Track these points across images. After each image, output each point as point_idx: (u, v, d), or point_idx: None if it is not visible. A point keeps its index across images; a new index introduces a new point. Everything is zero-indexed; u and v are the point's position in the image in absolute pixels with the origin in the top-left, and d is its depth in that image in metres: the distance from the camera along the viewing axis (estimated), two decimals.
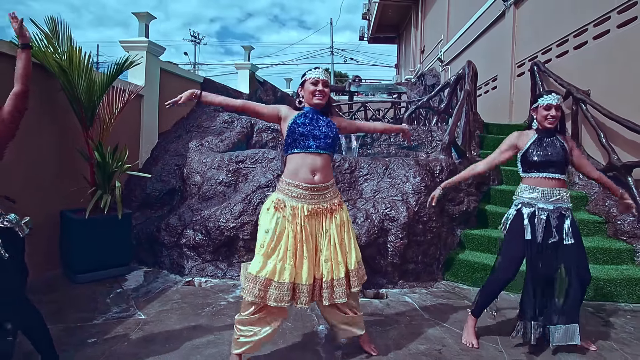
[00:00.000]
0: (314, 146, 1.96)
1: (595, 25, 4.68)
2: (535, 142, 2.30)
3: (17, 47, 1.97)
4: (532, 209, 2.26)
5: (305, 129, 1.97)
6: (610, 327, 2.75)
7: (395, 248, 3.31)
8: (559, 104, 2.28)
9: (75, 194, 3.54)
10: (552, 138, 2.30)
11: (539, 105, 2.33)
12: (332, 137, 2.00)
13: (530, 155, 2.28)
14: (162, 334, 2.46)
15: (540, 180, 2.27)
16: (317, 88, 2.01)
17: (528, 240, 2.23)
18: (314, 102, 2.02)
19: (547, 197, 2.24)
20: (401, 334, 2.55)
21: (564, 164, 2.27)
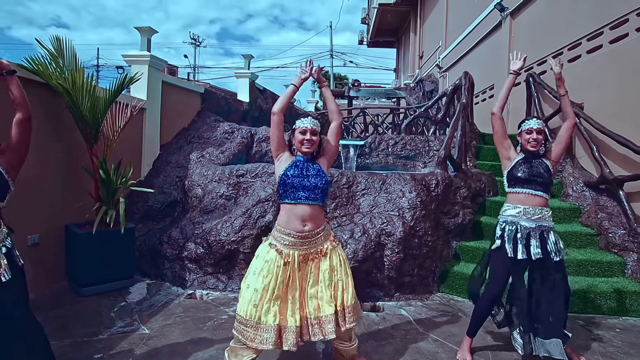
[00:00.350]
0: (304, 197, 2.06)
1: (588, 40, 4.78)
2: (522, 160, 2.42)
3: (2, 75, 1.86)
4: (515, 226, 2.35)
5: (296, 180, 2.06)
6: (598, 341, 2.84)
7: (392, 262, 3.40)
8: (539, 128, 2.38)
9: (79, 208, 3.64)
10: (537, 160, 2.40)
11: (522, 130, 2.44)
12: (321, 188, 2.10)
13: (516, 171, 2.39)
14: (166, 349, 2.55)
15: (523, 196, 2.37)
16: (305, 137, 2.11)
17: (511, 257, 2.33)
18: (303, 150, 2.13)
19: (529, 215, 2.34)
20: (396, 349, 2.64)
21: (547, 184, 2.37)
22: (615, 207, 4.04)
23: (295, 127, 2.16)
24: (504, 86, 2.50)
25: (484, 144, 5.97)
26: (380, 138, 6.04)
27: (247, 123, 7.24)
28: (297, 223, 2.06)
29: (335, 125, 2.24)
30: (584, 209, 4.30)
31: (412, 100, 12.49)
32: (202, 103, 6.20)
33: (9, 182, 1.81)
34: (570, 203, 4.43)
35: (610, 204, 4.10)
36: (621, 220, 3.89)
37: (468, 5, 9.05)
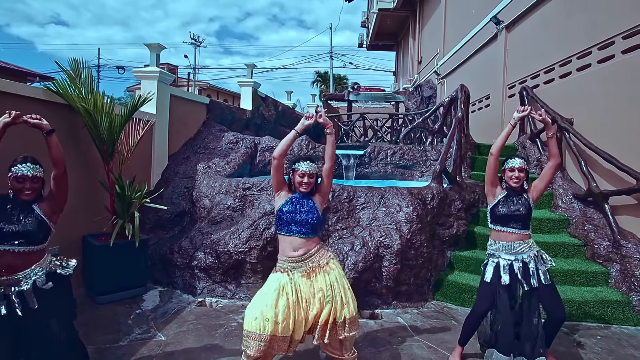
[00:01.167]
0: (295, 231, 2.33)
1: (578, 58, 5.01)
2: (503, 198, 2.62)
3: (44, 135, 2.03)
4: (497, 259, 2.59)
5: (289, 216, 2.32)
6: (580, 348, 3.08)
7: (390, 272, 3.63)
8: (521, 167, 2.59)
9: (94, 220, 3.86)
10: (519, 196, 2.61)
11: (505, 167, 2.66)
12: (311, 224, 2.35)
13: (498, 210, 2.61)
14: (182, 355, 2.78)
15: (503, 234, 2.60)
16: (303, 180, 2.37)
17: (494, 284, 2.55)
18: (301, 190, 2.39)
19: (509, 250, 2.57)
20: (392, 355, 2.87)
21: (526, 219, 2.57)
22: (601, 219, 4.27)
23: (295, 168, 2.42)
24: (504, 131, 2.67)
25: (479, 154, 6.19)
26: (380, 148, 6.27)
27: (250, 131, 7.47)
28: (290, 250, 2.34)
29: (328, 167, 2.47)
30: (572, 220, 4.53)
31: (411, 105, 12.72)
32: (207, 113, 6.42)
33: (50, 227, 2.05)
34: (560, 214, 4.66)
35: (597, 216, 4.34)
36: (606, 232, 4.13)
37: (465, 15, 9.27)
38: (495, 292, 2.56)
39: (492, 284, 2.56)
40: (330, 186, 2.54)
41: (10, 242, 1.92)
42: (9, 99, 3.11)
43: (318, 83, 32.08)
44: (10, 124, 1.98)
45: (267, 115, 8.34)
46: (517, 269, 2.52)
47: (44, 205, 2.06)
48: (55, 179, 2.11)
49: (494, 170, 2.69)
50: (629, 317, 3.52)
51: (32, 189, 2.01)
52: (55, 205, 2.12)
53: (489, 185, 2.71)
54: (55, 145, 2.10)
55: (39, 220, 2.00)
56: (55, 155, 2.09)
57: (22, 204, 2.00)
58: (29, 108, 3.20)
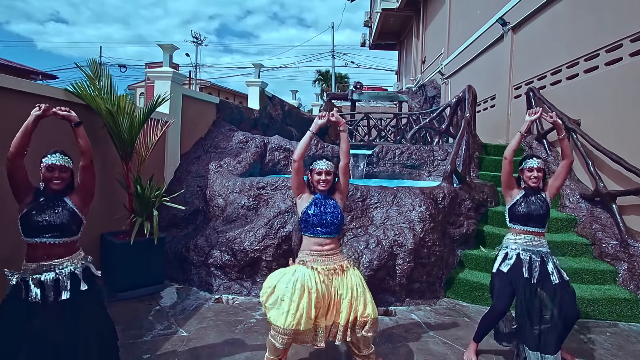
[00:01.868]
0: (322, 232, 2.42)
1: (586, 60, 5.08)
2: (522, 198, 2.69)
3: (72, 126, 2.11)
4: (516, 252, 2.65)
5: (315, 219, 2.40)
6: (590, 344, 3.17)
7: (403, 270, 3.71)
8: (539, 167, 2.67)
9: (111, 218, 3.93)
10: (537, 195, 2.68)
11: (523, 168, 2.73)
12: (337, 224, 2.44)
13: (516, 209, 2.68)
14: (206, 350, 2.86)
15: (522, 232, 2.67)
16: (321, 177, 2.45)
17: (513, 277, 2.61)
18: (319, 188, 2.47)
19: (528, 245, 2.64)
20: (410, 351, 2.95)
21: (544, 218, 2.65)
22: (608, 218, 4.36)
23: (313, 167, 2.50)
24: (517, 136, 2.74)
25: (486, 154, 6.27)
26: (387, 147, 6.34)
27: (258, 130, 7.54)
28: (317, 246, 2.43)
29: (344, 164, 2.54)
30: (579, 219, 4.62)
31: (414, 105, 12.78)
32: (217, 113, 6.48)
33: (82, 218, 2.12)
34: (567, 214, 4.74)
35: (604, 215, 4.42)
36: (614, 232, 4.21)
37: (471, 16, 9.33)
38: (515, 288, 2.62)
39: (510, 279, 2.62)
40: (347, 183, 2.61)
41: (45, 234, 1.97)
42: (31, 99, 3.17)
43: (319, 82, 32.12)
44: (42, 117, 2.04)
45: (274, 114, 8.40)
46: (536, 263, 2.59)
47: (74, 197, 2.13)
48: (83, 169, 2.18)
49: (509, 173, 2.76)
50: (637, 314, 3.61)
51: (60, 178, 2.07)
52: (85, 196, 2.18)
53: (505, 188, 2.78)
54: (83, 135, 2.19)
55: (70, 212, 2.06)
56: (83, 145, 2.17)
57: (53, 197, 2.05)
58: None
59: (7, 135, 2.92)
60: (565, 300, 2.60)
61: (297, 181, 2.48)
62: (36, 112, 2.03)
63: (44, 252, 1.99)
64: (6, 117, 2.95)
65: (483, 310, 3.73)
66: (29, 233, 1.98)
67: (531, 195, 2.68)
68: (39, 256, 1.99)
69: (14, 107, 3.00)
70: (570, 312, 2.61)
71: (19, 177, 2.00)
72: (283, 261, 4.06)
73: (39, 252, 1.99)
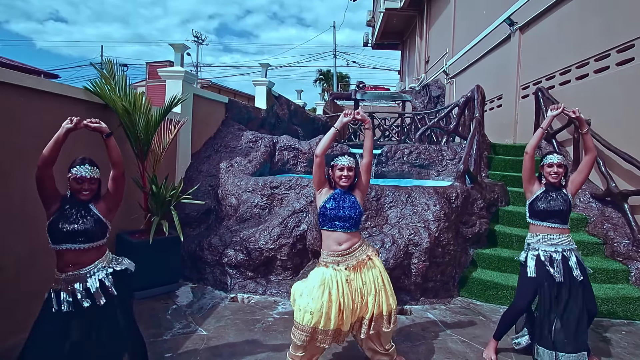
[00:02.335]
0: (339, 226, 2.42)
1: (596, 60, 5.10)
2: (542, 194, 2.70)
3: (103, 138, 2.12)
4: (537, 251, 2.66)
5: (332, 213, 2.40)
6: (607, 343, 3.19)
7: (418, 269, 3.73)
8: (560, 162, 2.68)
9: (128, 217, 3.94)
10: (557, 192, 2.69)
11: (544, 164, 2.74)
12: (354, 219, 2.44)
13: (536, 205, 2.69)
14: (227, 349, 2.87)
15: (542, 228, 2.69)
16: (343, 173, 2.45)
17: (535, 277, 2.63)
18: (341, 184, 2.47)
19: (548, 242, 2.65)
20: (429, 349, 2.97)
21: (565, 214, 2.66)
22: (620, 218, 4.38)
23: (334, 163, 2.50)
24: (538, 131, 2.75)
25: (495, 154, 6.29)
26: (396, 147, 6.36)
27: (265, 130, 7.54)
28: (335, 245, 2.42)
29: (367, 162, 2.53)
30: (590, 219, 4.64)
31: (418, 104, 12.80)
32: (226, 112, 6.49)
33: (107, 224, 2.13)
34: (578, 213, 4.76)
35: (615, 215, 4.45)
36: (625, 231, 4.23)
37: (476, 16, 9.35)
38: (538, 287, 2.64)
39: (534, 279, 2.63)
40: (368, 181, 2.60)
41: (71, 240, 1.99)
42: (52, 98, 3.18)
43: (320, 82, 32.11)
44: (73, 130, 2.04)
45: (281, 114, 8.41)
46: (557, 261, 2.60)
47: (100, 205, 2.14)
48: (114, 180, 2.18)
49: (530, 169, 2.77)
50: None
51: (89, 190, 2.08)
52: (112, 204, 2.20)
53: (526, 183, 2.79)
54: (114, 147, 2.18)
55: (95, 219, 2.07)
56: (115, 157, 2.17)
57: (79, 204, 2.07)
58: (66, 107, 3.29)
59: (29, 135, 2.95)
60: (586, 297, 2.62)
61: (319, 176, 2.49)
62: (67, 124, 2.02)
63: (71, 259, 2.01)
64: (27, 117, 2.96)
65: (498, 309, 3.79)
66: (56, 240, 2.00)
67: (552, 192, 2.69)
68: (68, 264, 2.01)
69: (34, 107, 3.01)
70: (590, 308, 2.63)
71: (47, 186, 2.01)
72: (297, 260, 4.09)
73: (67, 259, 2.01)
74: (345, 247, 2.42)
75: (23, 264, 2.92)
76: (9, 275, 2.81)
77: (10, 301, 2.81)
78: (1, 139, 2.75)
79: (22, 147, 2.90)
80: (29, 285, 2.89)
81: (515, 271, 4.12)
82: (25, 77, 2.90)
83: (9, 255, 2.82)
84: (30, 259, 2.95)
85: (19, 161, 2.87)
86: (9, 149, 2.81)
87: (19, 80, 2.84)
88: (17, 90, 2.85)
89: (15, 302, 2.82)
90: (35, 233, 2.97)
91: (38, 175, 1.99)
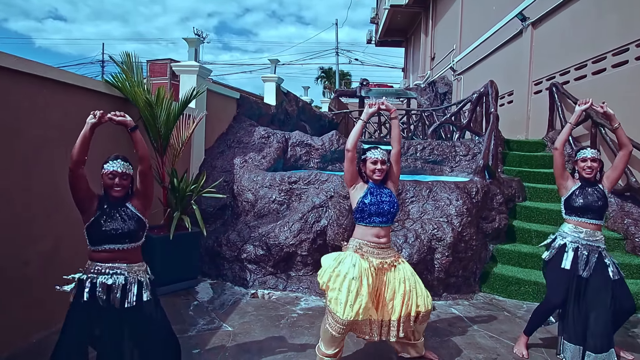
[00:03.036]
0: (378, 222, 2.38)
1: (614, 55, 5.06)
2: (578, 189, 2.65)
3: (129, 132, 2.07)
4: (575, 245, 2.61)
5: (372, 208, 2.36)
6: (635, 338, 3.16)
7: (442, 265, 3.69)
8: (594, 157, 2.63)
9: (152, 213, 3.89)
10: (593, 187, 2.64)
11: (577, 159, 2.70)
12: (392, 213, 2.42)
13: (573, 201, 2.63)
14: (254, 345, 2.83)
15: (579, 223, 2.64)
16: (376, 167, 2.40)
17: (568, 270, 2.58)
18: (374, 178, 2.42)
19: (586, 238, 2.59)
20: (459, 345, 2.94)
21: (602, 210, 2.61)
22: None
23: (367, 156, 2.44)
24: (567, 126, 2.72)
25: (509, 150, 6.25)
26: (409, 143, 6.31)
27: (275, 126, 7.49)
28: (373, 237, 2.39)
29: (396, 151, 2.48)
30: (609, 214, 4.60)
31: (424, 101, 12.75)
32: (238, 108, 6.44)
33: (145, 223, 2.09)
34: None
35: (635, 210, 4.41)
36: None
37: (485, 12, 9.30)
38: (570, 281, 2.60)
39: (567, 272, 2.59)
40: (399, 171, 2.56)
41: (115, 240, 1.95)
42: (74, 91, 3.12)
43: (322, 79, 32.02)
44: (98, 124, 1.97)
45: (290, 110, 8.36)
46: (593, 259, 2.56)
47: (136, 203, 2.08)
48: (141, 174, 2.12)
49: (562, 165, 2.72)
50: None
51: (121, 185, 2.02)
52: (145, 201, 2.13)
53: (559, 179, 2.74)
54: (140, 140, 2.11)
55: (136, 219, 2.03)
56: (141, 150, 2.10)
57: (116, 204, 2.02)
58: (88, 100, 3.24)
59: (53, 128, 2.90)
60: (621, 294, 2.58)
61: (352, 171, 2.43)
62: (91, 120, 1.95)
63: (112, 258, 1.96)
64: (49, 109, 2.91)
65: (521, 305, 3.76)
66: (98, 242, 1.94)
67: (588, 187, 2.64)
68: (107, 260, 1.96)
69: (57, 99, 2.96)
70: (626, 305, 2.59)
71: (82, 187, 1.95)
72: (318, 256, 4.04)
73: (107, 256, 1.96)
74: (384, 240, 2.41)
75: (46, 258, 2.87)
76: (32, 270, 2.76)
77: (35, 297, 2.76)
78: (24, 132, 2.70)
79: (45, 140, 2.85)
80: (54, 281, 2.84)
81: (536, 267, 4.09)
82: (49, 69, 2.84)
83: (32, 250, 2.77)
84: (53, 252, 2.91)
85: (42, 155, 2.82)
86: (32, 142, 2.76)
87: (43, 71, 2.79)
88: (42, 82, 2.80)
89: (40, 298, 2.78)
90: (58, 227, 2.93)
91: (71, 177, 1.92)
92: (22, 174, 2.69)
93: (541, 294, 3.65)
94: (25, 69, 2.64)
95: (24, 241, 2.71)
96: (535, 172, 5.57)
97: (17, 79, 2.62)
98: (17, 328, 2.65)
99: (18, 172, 2.66)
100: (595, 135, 5.17)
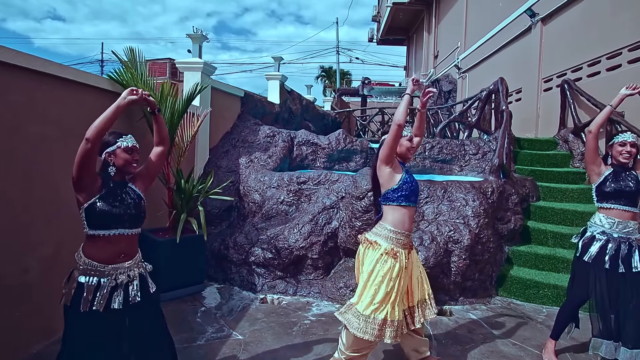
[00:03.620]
0: (414, 201, 2.30)
1: (630, 50, 4.91)
2: (611, 175, 2.51)
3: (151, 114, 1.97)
4: (606, 237, 2.48)
5: (412, 186, 2.26)
6: None
7: (459, 268, 3.55)
8: (633, 142, 2.50)
9: (153, 216, 3.74)
10: (627, 172, 2.51)
11: (614, 142, 2.55)
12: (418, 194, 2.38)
13: (605, 186, 2.50)
14: (268, 355, 2.68)
15: (612, 211, 2.50)
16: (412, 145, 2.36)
17: (591, 263, 2.46)
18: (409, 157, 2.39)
19: (620, 228, 2.46)
20: (481, 353, 2.79)
21: (636, 195, 2.47)
22: None
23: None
24: (605, 110, 2.58)
25: (520, 148, 6.11)
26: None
27: (279, 125, 7.33)
28: (410, 223, 2.28)
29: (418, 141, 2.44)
30: None
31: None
32: (242, 106, 6.28)
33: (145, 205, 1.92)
34: None
35: None
36: None
37: (491, 8, 9.15)
38: (595, 276, 2.46)
39: (591, 267, 2.46)
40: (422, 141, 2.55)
41: (126, 224, 1.78)
42: (75, 87, 2.97)
43: (322, 78, 31.86)
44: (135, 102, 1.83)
45: (294, 109, 8.21)
46: (624, 252, 2.42)
47: (138, 184, 1.94)
48: (161, 156, 2.04)
49: (594, 149, 2.58)
50: None
51: (137, 161, 1.89)
52: (147, 183, 2.01)
53: (591, 165, 2.60)
54: (163, 122, 2.06)
55: (141, 200, 1.88)
56: (164, 132, 2.04)
57: (120, 183, 1.85)
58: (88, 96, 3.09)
59: (52, 124, 2.75)
60: None
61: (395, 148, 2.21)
62: (132, 96, 1.80)
63: (124, 246, 1.79)
64: (49, 105, 2.76)
65: (540, 309, 3.62)
66: (102, 225, 1.73)
67: (621, 172, 2.51)
68: (120, 253, 1.78)
69: (57, 95, 2.81)
70: None
71: (92, 164, 1.77)
72: (328, 259, 3.91)
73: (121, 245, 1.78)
74: (412, 224, 2.33)
75: (47, 263, 2.71)
76: (33, 277, 2.61)
77: (35, 304, 2.61)
78: (22, 129, 2.55)
79: (44, 138, 2.70)
80: (55, 287, 2.69)
81: (554, 269, 3.96)
82: (48, 64, 2.69)
83: (32, 256, 2.62)
84: (54, 257, 2.75)
85: (41, 153, 2.66)
86: (30, 140, 2.60)
87: (42, 66, 2.63)
88: (40, 78, 2.64)
89: (39, 305, 2.63)
90: (59, 230, 2.78)
91: (88, 150, 1.68)
92: (22, 174, 2.54)
93: (561, 297, 3.51)
94: (24, 64, 2.49)
95: (24, 247, 2.56)
96: (548, 171, 5.43)
97: (16, 73, 2.48)
98: (17, 338, 2.50)
99: (18, 172, 2.51)
100: (611, 132, 5.02)
